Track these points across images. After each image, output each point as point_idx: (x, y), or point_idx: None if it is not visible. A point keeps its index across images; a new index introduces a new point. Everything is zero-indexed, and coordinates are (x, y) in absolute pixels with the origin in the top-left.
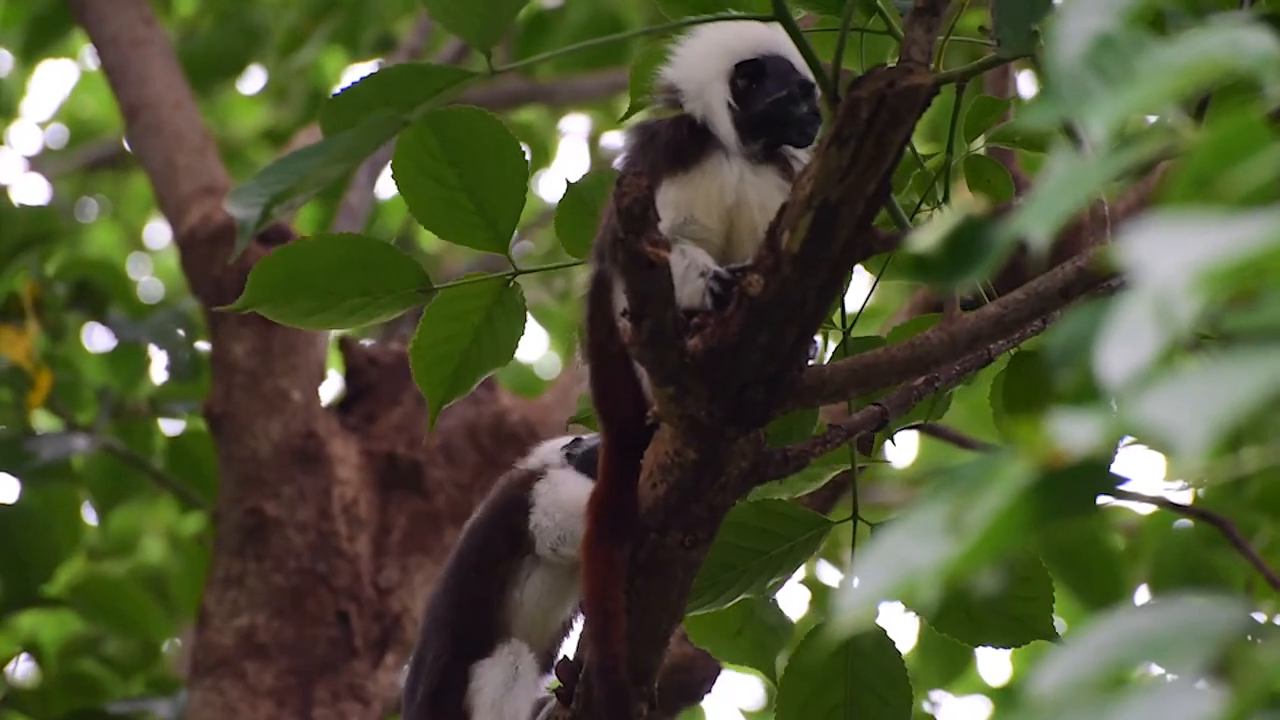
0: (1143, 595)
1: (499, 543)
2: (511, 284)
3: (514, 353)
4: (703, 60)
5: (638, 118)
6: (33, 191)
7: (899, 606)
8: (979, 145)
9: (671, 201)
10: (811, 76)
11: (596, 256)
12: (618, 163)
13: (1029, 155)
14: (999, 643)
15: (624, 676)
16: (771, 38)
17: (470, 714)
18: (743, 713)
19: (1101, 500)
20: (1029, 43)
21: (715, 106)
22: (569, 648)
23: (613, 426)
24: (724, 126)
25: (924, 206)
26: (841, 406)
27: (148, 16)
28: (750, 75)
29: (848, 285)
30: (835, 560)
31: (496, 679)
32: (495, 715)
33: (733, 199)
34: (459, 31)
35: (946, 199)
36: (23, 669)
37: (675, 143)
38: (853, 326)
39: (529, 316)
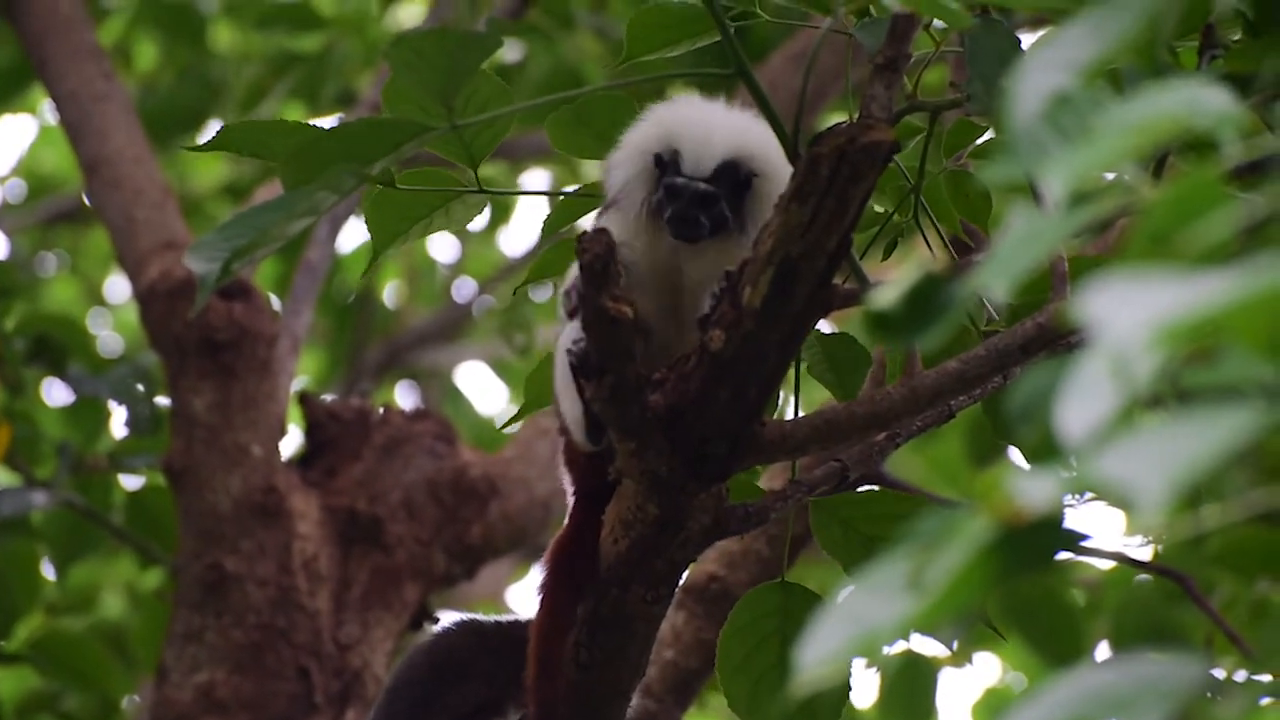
0: (1103, 651)
1: None
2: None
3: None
4: (625, 156)
5: None
6: None
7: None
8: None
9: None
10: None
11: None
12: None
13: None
14: None
15: None
16: (677, 130)
17: None
18: None
19: (1061, 556)
20: (1000, 100)
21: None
22: None
23: (577, 480)
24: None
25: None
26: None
27: (107, 71)
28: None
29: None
30: None
31: None
32: None
33: (665, 274)
34: (421, 86)
35: (918, 219)
36: None
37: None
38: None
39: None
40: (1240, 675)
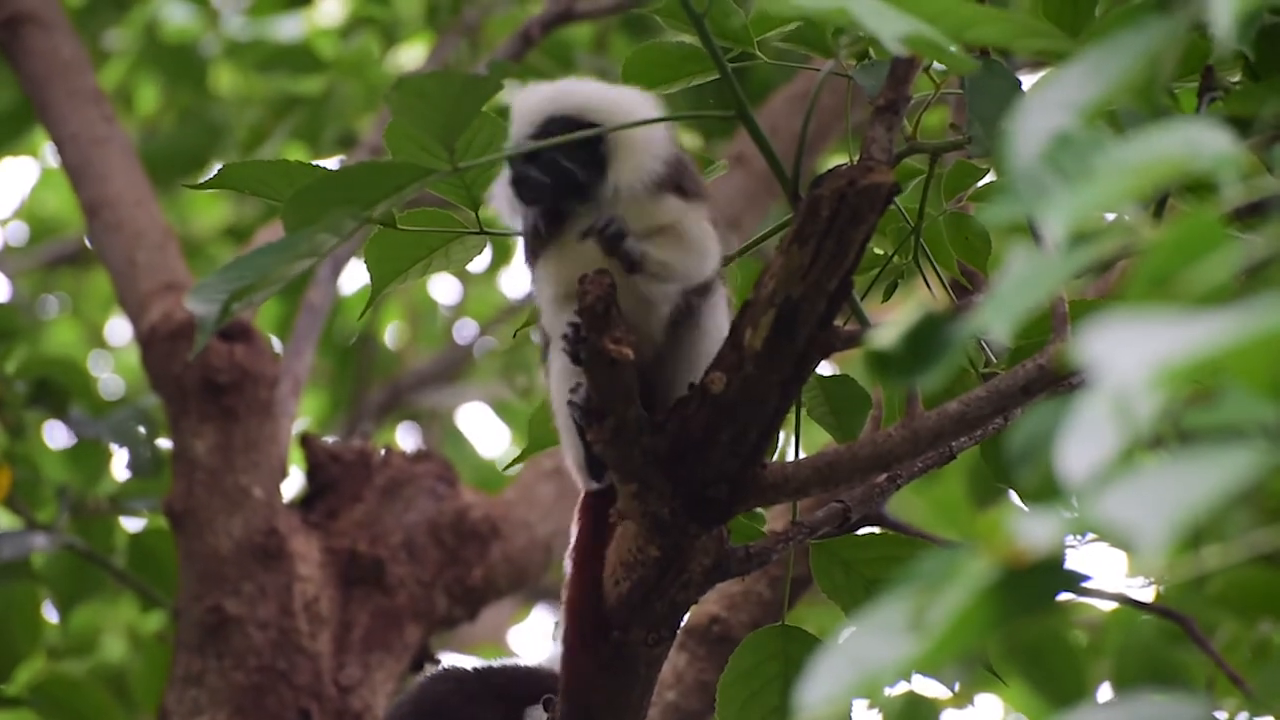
0: (1105, 692)
1: None
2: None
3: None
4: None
5: None
6: None
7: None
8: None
9: (550, 274)
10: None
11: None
12: None
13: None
14: None
15: None
16: (512, 117)
17: None
18: None
19: (1063, 597)
20: (1000, 141)
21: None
22: None
23: (585, 523)
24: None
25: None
26: None
27: (108, 114)
28: None
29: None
30: None
31: None
32: None
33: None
34: (421, 128)
35: (918, 260)
36: None
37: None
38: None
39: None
40: (1242, 717)
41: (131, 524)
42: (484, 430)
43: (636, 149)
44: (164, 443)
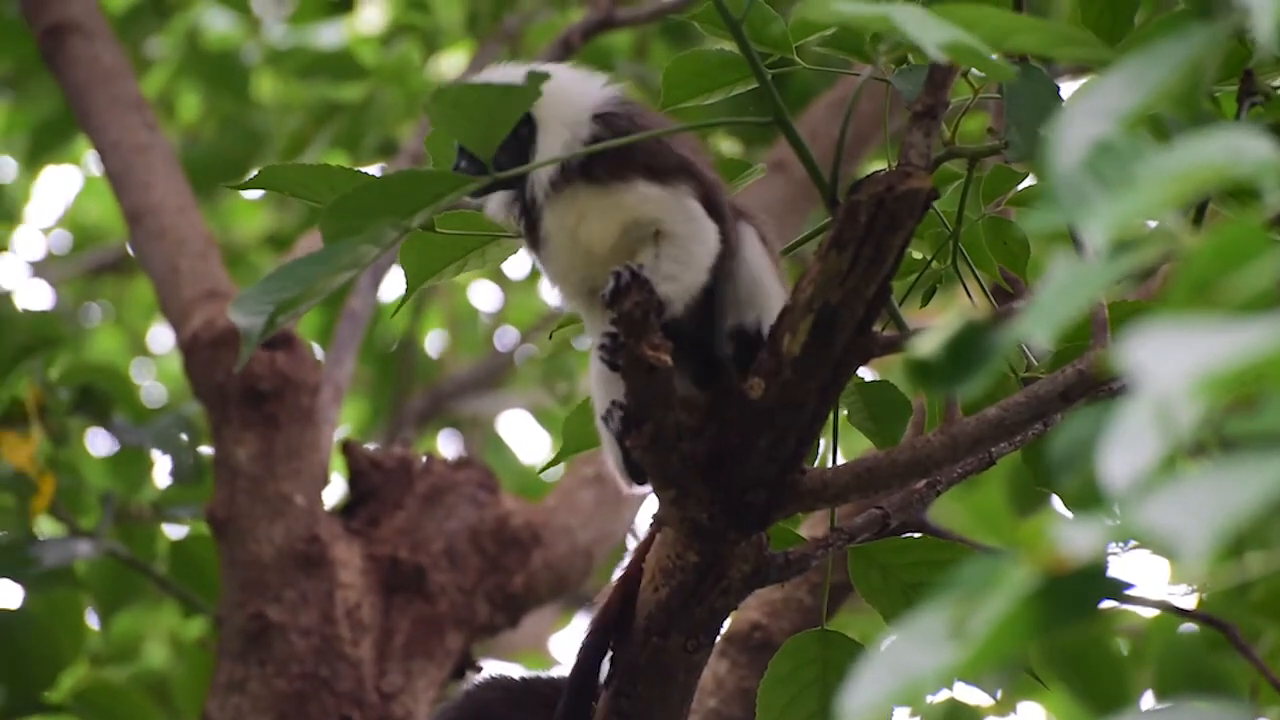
0: (1148, 700)
1: None
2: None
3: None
4: None
5: None
6: (36, 297)
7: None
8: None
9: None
10: None
11: None
12: None
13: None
14: None
15: None
16: None
17: None
18: None
19: (1105, 604)
20: (1038, 148)
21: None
22: None
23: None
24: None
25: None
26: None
27: (150, 122)
28: None
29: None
30: None
31: None
32: None
33: (565, 239)
34: (460, 137)
35: (956, 265)
36: None
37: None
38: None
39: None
40: None
41: (174, 531)
42: (525, 437)
43: (555, 119)
44: (206, 450)
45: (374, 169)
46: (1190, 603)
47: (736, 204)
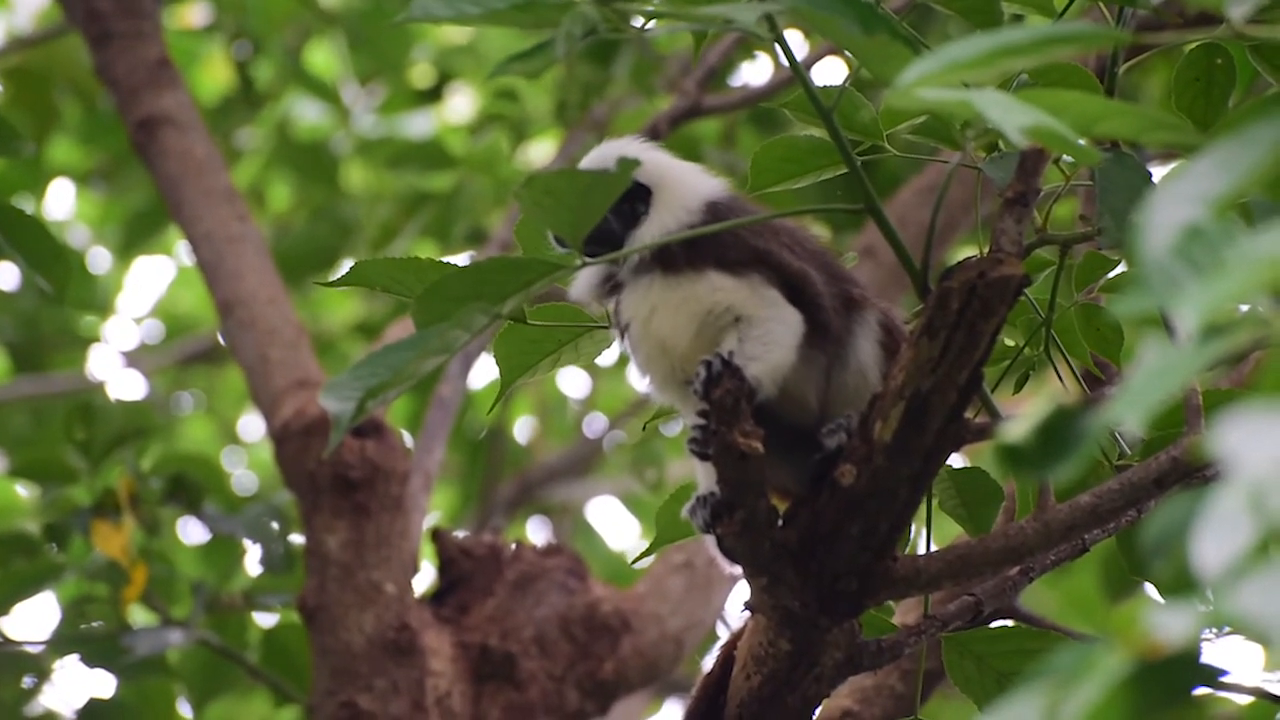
0: None
1: None
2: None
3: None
4: None
5: None
6: (129, 387)
7: None
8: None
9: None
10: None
11: None
12: None
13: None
14: None
15: None
16: None
17: None
18: None
19: (1199, 691)
20: (1131, 233)
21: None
22: None
23: None
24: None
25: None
26: None
27: (241, 213)
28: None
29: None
30: None
31: None
32: None
33: (640, 329)
34: (551, 225)
35: (1049, 351)
36: None
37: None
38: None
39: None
40: None
41: (265, 619)
42: (614, 524)
43: (674, 198)
44: (296, 538)
45: (463, 258)
46: None
47: (854, 293)
